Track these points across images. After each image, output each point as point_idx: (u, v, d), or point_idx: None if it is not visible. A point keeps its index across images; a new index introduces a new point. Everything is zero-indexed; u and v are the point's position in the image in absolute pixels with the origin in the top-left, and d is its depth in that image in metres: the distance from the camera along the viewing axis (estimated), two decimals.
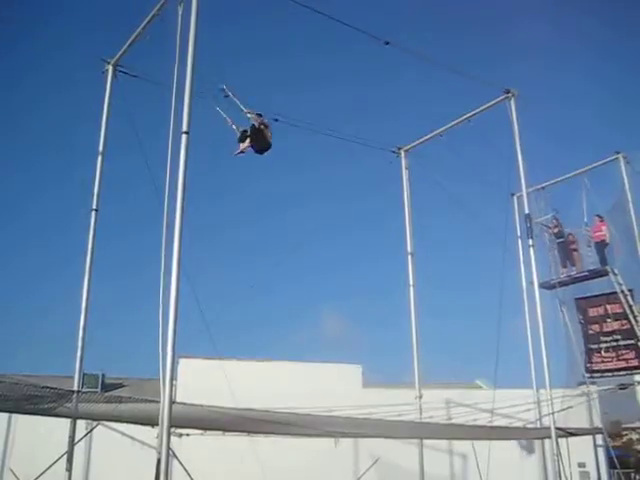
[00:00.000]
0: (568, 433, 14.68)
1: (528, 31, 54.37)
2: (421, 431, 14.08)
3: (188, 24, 9.55)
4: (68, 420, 10.89)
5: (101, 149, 12.49)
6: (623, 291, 16.70)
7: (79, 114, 38.39)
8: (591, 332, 18.12)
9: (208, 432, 13.64)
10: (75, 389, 10.10)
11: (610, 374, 17.58)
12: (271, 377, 18.70)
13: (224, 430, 13.09)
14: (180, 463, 11.94)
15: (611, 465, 19.62)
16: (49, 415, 10.38)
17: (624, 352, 17.28)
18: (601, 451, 19.92)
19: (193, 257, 10.52)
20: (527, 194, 13.82)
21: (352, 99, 47.52)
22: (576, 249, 18.02)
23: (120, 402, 9.63)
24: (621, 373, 17.44)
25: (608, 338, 17.70)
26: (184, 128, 8.95)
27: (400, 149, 16.68)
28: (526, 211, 13.85)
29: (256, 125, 10.87)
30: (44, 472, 12.35)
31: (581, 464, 19.36)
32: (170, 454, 7.97)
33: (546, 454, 17.96)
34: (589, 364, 17.94)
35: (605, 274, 16.97)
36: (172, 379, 7.95)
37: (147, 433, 12.13)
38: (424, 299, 16.18)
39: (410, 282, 15.76)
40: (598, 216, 17.61)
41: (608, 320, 17.70)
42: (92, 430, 14.66)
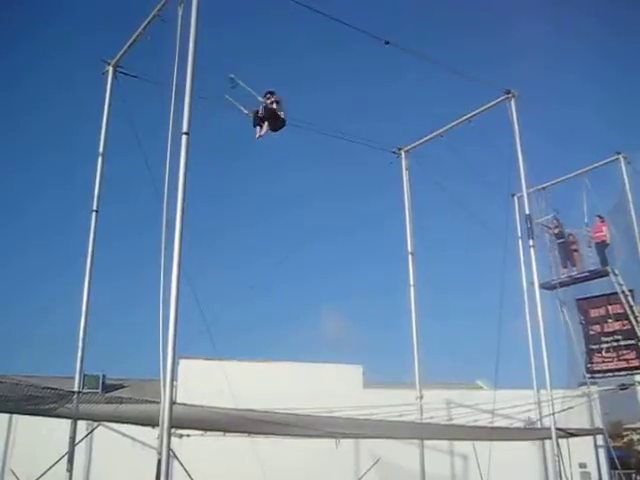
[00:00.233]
0: (569, 434, 14.68)
1: (528, 31, 54.50)
2: (422, 431, 14.07)
3: (188, 25, 9.55)
4: (69, 421, 10.88)
5: (101, 150, 12.47)
6: (624, 291, 16.72)
7: (79, 115, 38.47)
8: (592, 332, 18.12)
9: (208, 433, 13.61)
10: (76, 390, 10.09)
11: (611, 374, 17.58)
12: (272, 378, 18.69)
13: (224, 431, 13.08)
14: (181, 464, 11.95)
15: (612, 466, 19.63)
16: (50, 416, 10.37)
17: (625, 352, 17.28)
18: (602, 451, 19.94)
19: (193, 258, 10.53)
20: (527, 194, 13.80)
21: (352, 99, 47.62)
22: (577, 249, 18.04)
23: (121, 403, 9.61)
24: (622, 373, 17.43)
25: (609, 338, 17.70)
26: (184, 129, 8.92)
27: (400, 149, 16.66)
28: (527, 211, 13.81)
29: (267, 105, 11.26)
30: (45, 473, 12.35)
31: (582, 464, 19.36)
32: (171, 455, 7.97)
33: (547, 454, 17.94)
34: (590, 364, 17.94)
35: (606, 274, 16.98)
36: (172, 380, 7.94)
37: (148, 434, 12.13)
38: (424, 299, 16.15)
39: (410, 282, 15.75)
40: (599, 216, 17.63)
41: (609, 320, 17.70)
42: (93, 431, 14.68)
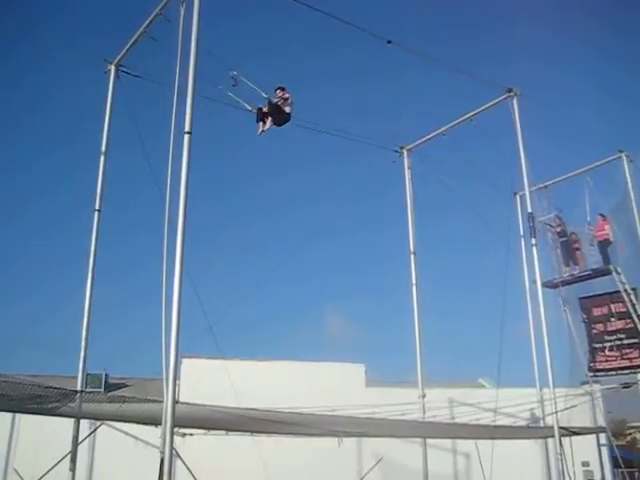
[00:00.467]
0: (572, 432, 14.68)
1: (530, 31, 54.50)
2: (424, 430, 14.08)
3: (190, 24, 9.54)
4: (72, 420, 10.90)
5: (104, 149, 12.44)
6: (626, 290, 16.67)
7: (81, 114, 38.56)
8: (595, 331, 18.07)
9: (211, 432, 13.64)
10: (78, 389, 10.11)
11: (614, 373, 17.53)
12: (274, 377, 18.71)
13: (227, 430, 13.10)
14: (183, 463, 12.02)
15: (615, 464, 19.60)
16: (53, 415, 10.39)
17: (628, 351, 17.23)
18: (605, 450, 19.92)
19: (196, 257, 10.54)
20: (530, 193, 13.76)
21: (354, 98, 47.60)
22: (579, 248, 18.00)
23: (123, 402, 9.62)
24: (625, 372, 17.37)
25: (612, 337, 17.65)
26: (186, 128, 8.93)
27: (402, 148, 16.64)
28: (529, 210, 13.76)
29: (273, 101, 11.22)
30: (48, 472, 12.43)
31: (585, 463, 19.37)
32: (173, 454, 8.00)
33: (549, 453, 17.93)
34: (593, 363, 17.89)
35: (608, 273, 16.95)
36: (175, 379, 7.94)
37: (150, 433, 12.19)
38: (427, 298, 16.15)
39: (413, 281, 15.73)
40: (601, 215, 17.58)
41: (612, 319, 17.65)
42: (96, 430, 14.75)
